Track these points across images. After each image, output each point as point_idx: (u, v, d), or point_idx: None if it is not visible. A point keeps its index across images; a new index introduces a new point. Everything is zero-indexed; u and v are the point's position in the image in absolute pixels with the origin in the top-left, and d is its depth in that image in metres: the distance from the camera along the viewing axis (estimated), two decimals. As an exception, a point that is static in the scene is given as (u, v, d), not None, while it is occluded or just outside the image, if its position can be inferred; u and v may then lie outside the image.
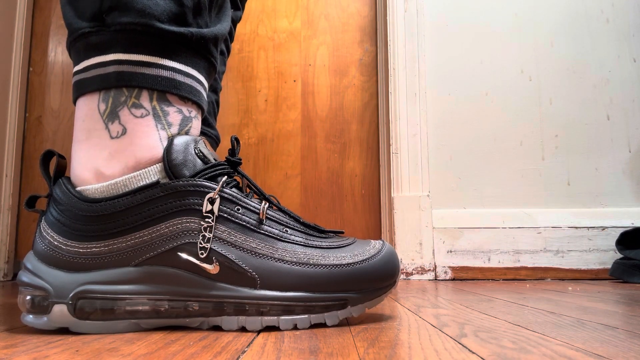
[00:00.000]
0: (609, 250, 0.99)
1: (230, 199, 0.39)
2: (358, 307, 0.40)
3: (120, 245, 0.37)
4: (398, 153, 1.05)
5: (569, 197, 1.04)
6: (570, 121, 1.07)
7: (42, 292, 0.37)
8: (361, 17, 1.19)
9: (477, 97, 1.08)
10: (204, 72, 0.44)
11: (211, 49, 0.44)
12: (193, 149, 0.39)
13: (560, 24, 1.09)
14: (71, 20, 0.40)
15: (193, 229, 0.37)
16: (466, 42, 1.09)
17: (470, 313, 0.47)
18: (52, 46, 1.19)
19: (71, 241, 0.37)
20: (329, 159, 1.14)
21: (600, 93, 1.07)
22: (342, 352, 0.29)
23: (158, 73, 0.39)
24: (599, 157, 1.05)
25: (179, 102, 0.41)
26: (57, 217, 0.38)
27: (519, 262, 1.00)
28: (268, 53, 1.18)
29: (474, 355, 0.28)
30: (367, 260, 0.40)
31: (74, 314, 0.36)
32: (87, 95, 0.40)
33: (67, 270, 0.37)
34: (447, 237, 1.02)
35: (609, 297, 0.62)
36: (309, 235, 0.41)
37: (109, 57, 0.39)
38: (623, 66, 1.07)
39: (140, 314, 0.37)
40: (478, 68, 1.09)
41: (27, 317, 0.37)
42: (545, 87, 1.08)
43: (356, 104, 1.16)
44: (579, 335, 0.34)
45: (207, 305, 0.37)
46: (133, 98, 0.39)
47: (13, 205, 1.10)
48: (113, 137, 0.39)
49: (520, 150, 1.06)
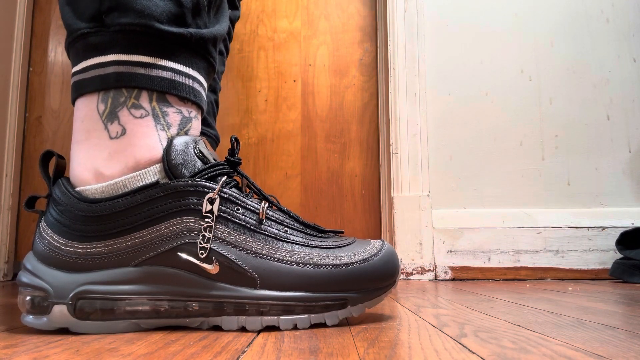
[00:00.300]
0: (609, 250, 0.99)
1: (230, 199, 0.39)
2: (358, 306, 0.40)
3: (120, 245, 0.37)
4: (398, 153, 1.05)
5: (569, 197, 1.04)
6: (570, 121, 1.07)
7: (42, 293, 0.37)
8: (361, 17, 1.19)
9: (477, 97, 1.08)
10: (203, 73, 0.44)
11: (210, 50, 0.44)
12: (192, 149, 0.39)
13: (560, 24, 1.09)
14: (70, 21, 0.40)
15: (193, 229, 0.37)
16: (466, 42, 1.09)
17: (470, 313, 0.47)
18: (52, 46, 1.19)
19: (71, 241, 0.37)
20: (329, 159, 1.14)
21: (600, 93, 1.07)
22: (342, 352, 0.29)
23: (157, 74, 0.39)
24: (599, 157, 1.05)
25: (179, 102, 0.41)
26: (57, 217, 0.38)
27: (519, 262, 1.00)
28: (268, 53, 1.18)
29: (474, 355, 0.28)
30: (366, 260, 0.40)
31: (74, 314, 0.36)
32: (86, 96, 0.40)
33: (67, 270, 0.37)
34: (447, 237, 1.02)
35: (609, 297, 0.62)
36: (309, 235, 0.41)
37: (108, 58, 0.39)
38: (623, 66, 1.07)
39: (140, 314, 0.37)
40: (478, 68, 1.09)
41: (27, 318, 0.37)
42: (545, 87, 1.08)
43: (356, 104, 1.16)
44: (579, 335, 0.34)
45: (207, 305, 0.37)
46: (132, 99, 0.39)
47: (13, 205, 1.10)
48: (112, 137, 0.39)
49: (520, 150, 1.06)
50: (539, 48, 1.09)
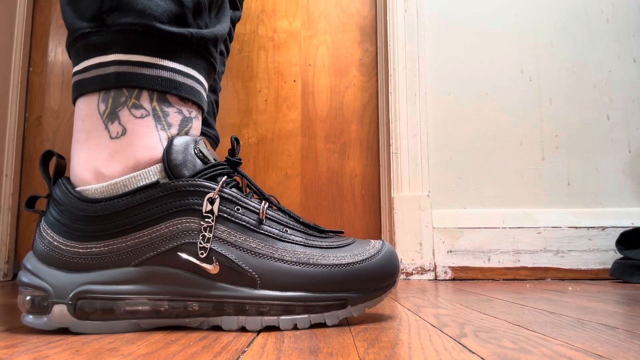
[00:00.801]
0: (609, 250, 0.99)
1: (230, 199, 0.39)
2: (358, 307, 0.40)
3: (120, 245, 0.37)
4: (398, 153, 1.05)
5: (569, 197, 1.04)
6: (570, 121, 1.07)
7: (42, 293, 0.37)
8: (361, 17, 1.19)
9: (477, 97, 1.08)
10: (203, 73, 0.44)
11: (211, 50, 0.44)
12: (193, 149, 0.39)
13: (560, 24, 1.09)
14: (71, 21, 0.40)
15: (193, 229, 0.37)
16: (466, 42, 1.09)
17: (470, 313, 0.47)
18: (52, 46, 1.19)
19: (71, 241, 0.37)
20: (329, 159, 1.14)
21: (600, 93, 1.07)
22: (342, 352, 0.29)
23: (158, 74, 0.39)
24: (599, 157, 1.05)
25: (179, 102, 0.41)
26: (57, 217, 0.38)
27: (519, 262, 1.00)
28: (268, 53, 1.18)
29: (474, 355, 0.28)
30: (366, 260, 0.40)
31: (74, 314, 0.36)
32: (87, 96, 0.40)
33: (67, 270, 0.37)
34: (447, 237, 1.02)
35: (609, 297, 0.62)
36: (309, 235, 0.41)
37: (109, 58, 0.39)
38: (623, 66, 1.07)
39: (140, 314, 0.37)
40: (478, 68, 1.09)
41: (27, 318, 0.37)
42: (545, 87, 1.08)
43: (356, 104, 1.16)
44: (579, 335, 0.34)
45: (207, 305, 0.37)
46: (133, 99, 0.39)
47: (13, 205, 1.10)
48: (113, 137, 0.39)
49: (520, 150, 1.06)
50: (539, 48, 1.09)
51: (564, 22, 1.09)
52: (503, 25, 1.10)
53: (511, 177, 1.05)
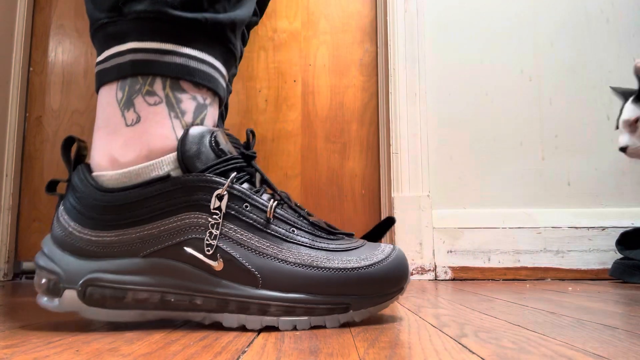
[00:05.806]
0: (609, 250, 0.99)
1: (239, 196, 0.38)
2: (361, 312, 0.39)
3: (130, 236, 0.38)
4: (398, 153, 1.05)
5: (569, 197, 1.04)
6: (570, 121, 1.07)
7: (54, 277, 0.37)
8: (361, 17, 1.19)
9: (477, 97, 1.08)
10: (220, 59, 0.43)
11: (228, 35, 0.42)
12: (208, 141, 0.39)
13: (560, 24, 1.09)
14: (91, 12, 0.41)
15: (201, 224, 0.37)
16: (466, 42, 1.09)
17: (470, 313, 0.47)
18: (52, 46, 1.19)
19: (85, 228, 0.38)
20: (329, 158, 1.14)
21: (600, 93, 1.07)
22: (342, 352, 0.29)
23: (171, 60, 0.39)
24: (599, 157, 1.05)
25: (193, 89, 0.41)
26: (74, 204, 0.39)
27: (519, 262, 1.00)
28: (268, 53, 1.18)
29: (474, 356, 0.28)
30: (373, 265, 0.39)
31: (83, 300, 0.37)
32: (107, 85, 0.41)
33: (79, 256, 0.38)
34: (447, 237, 1.02)
35: (609, 297, 0.62)
36: (316, 237, 0.40)
37: (126, 46, 0.39)
38: (623, 66, 1.07)
39: (146, 305, 0.38)
40: (478, 68, 1.09)
41: (42, 299, 0.38)
42: (545, 87, 1.08)
43: (356, 104, 1.16)
44: (579, 335, 0.34)
45: (211, 301, 0.38)
46: (147, 86, 0.39)
47: (13, 205, 1.10)
48: (128, 124, 0.40)
49: (520, 150, 1.06)
50: (539, 48, 1.09)
51: (564, 22, 1.09)
52: (503, 25, 1.10)
53: (511, 177, 1.05)
